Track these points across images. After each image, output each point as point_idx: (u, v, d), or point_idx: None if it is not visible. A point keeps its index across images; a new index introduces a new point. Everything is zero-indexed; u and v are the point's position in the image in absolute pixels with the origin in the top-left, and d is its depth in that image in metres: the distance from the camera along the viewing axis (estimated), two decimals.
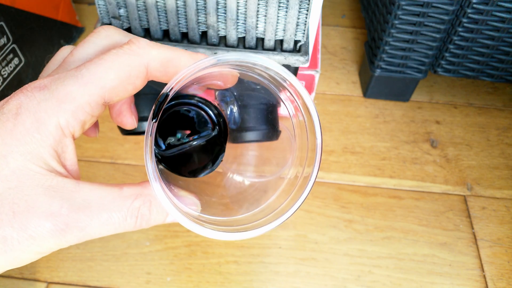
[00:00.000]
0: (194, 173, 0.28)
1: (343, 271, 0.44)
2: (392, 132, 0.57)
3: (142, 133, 0.38)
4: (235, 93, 0.30)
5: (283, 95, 0.25)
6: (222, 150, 0.29)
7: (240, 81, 0.25)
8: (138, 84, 0.20)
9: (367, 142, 0.56)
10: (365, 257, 0.45)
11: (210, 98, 0.29)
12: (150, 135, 0.19)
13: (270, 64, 0.21)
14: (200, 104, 0.28)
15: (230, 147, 0.30)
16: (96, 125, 0.24)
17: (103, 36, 0.22)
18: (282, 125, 0.37)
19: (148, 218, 0.19)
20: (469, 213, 0.49)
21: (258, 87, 0.29)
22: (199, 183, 0.29)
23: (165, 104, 0.19)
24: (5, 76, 0.54)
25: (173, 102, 0.28)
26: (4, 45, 0.53)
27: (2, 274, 0.43)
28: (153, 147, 0.19)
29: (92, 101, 0.19)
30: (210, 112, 0.29)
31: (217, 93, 0.29)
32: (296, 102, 0.23)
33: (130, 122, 0.23)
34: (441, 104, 0.61)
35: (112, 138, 0.55)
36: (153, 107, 0.19)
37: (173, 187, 0.22)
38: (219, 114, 0.29)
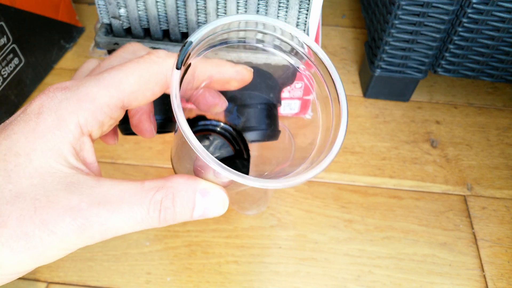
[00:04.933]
0: None
1: (343, 271, 0.44)
2: (392, 132, 0.57)
3: None
4: (235, 94, 0.30)
5: (301, 66, 0.25)
6: (246, 167, 0.29)
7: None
8: (157, 91, 0.21)
9: (367, 142, 0.56)
10: (365, 257, 0.45)
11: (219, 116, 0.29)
12: (175, 83, 0.18)
13: (284, 25, 0.21)
14: (219, 130, 0.29)
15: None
16: (115, 132, 0.24)
17: (130, 51, 0.23)
18: (282, 125, 0.37)
19: (172, 211, 0.18)
20: (469, 213, 0.49)
21: (259, 85, 0.29)
22: None
23: (190, 52, 0.19)
24: (5, 76, 0.54)
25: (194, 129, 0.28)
26: (4, 45, 0.53)
27: None
28: (178, 92, 0.18)
29: (111, 103, 0.19)
30: (228, 135, 0.29)
31: None
32: (317, 70, 0.23)
33: (149, 130, 0.24)
34: (441, 104, 0.61)
35: None
36: (178, 54, 0.19)
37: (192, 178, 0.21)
38: (238, 135, 0.29)
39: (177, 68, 0.19)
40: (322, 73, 0.23)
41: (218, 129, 0.29)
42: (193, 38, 0.20)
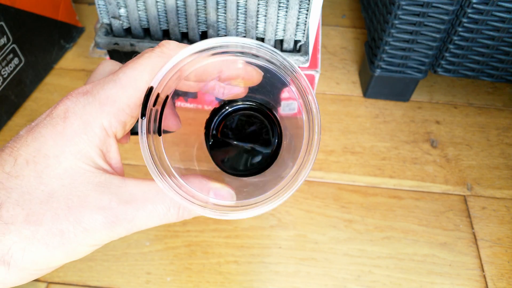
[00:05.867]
0: (236, 172, 0.28)
1: (343, 271, 0.44)
2: (392, 132, 0.57)
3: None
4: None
5: (292, 86, 0.25)
6: (271, 162, 0.29)
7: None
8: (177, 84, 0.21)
9: (367, 142, 0.56)
10: (365, 257, 0.45)
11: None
12: (142, 133, 0.19)
13: (264, 46, 0.21)
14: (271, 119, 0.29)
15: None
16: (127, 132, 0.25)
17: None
18: (282, 125, 0.37)
19: (189, 210, 0.20)
20: (469, 213, 0.49)
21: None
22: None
23: (151, 99, 0.20)
24: (5, 76, 0.54)
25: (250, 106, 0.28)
26: (4, 45, 0.53)
27: None
28: (152, 144, 0.20)
29: (131, 103, 0.20)
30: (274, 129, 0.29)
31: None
32: (303, 97, 0.23)
33: (176, 124, 0.25)
34: (441, 104, 0.61)
35: None
36: (142, 103, 0.20)
37: (204, 180, 0.22)
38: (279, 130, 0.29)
39: (142, 117, 0.19)
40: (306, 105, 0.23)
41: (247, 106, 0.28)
42: (154, 82, 0.20)
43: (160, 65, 0.20)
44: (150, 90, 0.20)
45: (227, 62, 0.22)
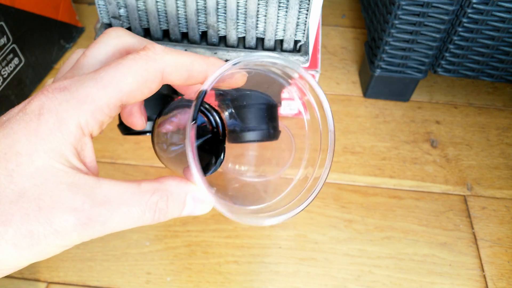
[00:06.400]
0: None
1: (343, 271, 0.44)
2: (392, 132, 0.57)
3: (142, 133, 0.38)
4: (235, 94, 0.30)
5: (295, 93, 0.25)
6: (222, 150, 0.29)
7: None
8: (154, 88, 0.21)
9: (367, 142, 0.56)
10: (365, 257, 0.45)
11: (210, 100, 0.29)
12: (190, 139, 0.19)
13: (290, 63, 0.22)
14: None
15: (230, 147, 0.30)
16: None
17: (113, 36, 0.23)
18: (282, 125, 0.37)
19: (165, 212, 0.20)
20: (469, 213, 0.49)
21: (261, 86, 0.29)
22: None
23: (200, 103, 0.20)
24: (5, 76, 0.54)
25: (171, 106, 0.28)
26: (4, 45, 0.53)
27: None
28: (195, 149, 0.19)
29: (110, 103, 0.19)
30: (209, 114, 0.29)
31: (216, 94, 0.29)
32: (310, 99, 0.23)
33: (140, 122, 0.24)
34: (441, 104, 0.61)
35: (112, 138, 0.55)
36: (192, 109, 0.19)
37: (182, 182, 0.22)
38: (216, 115, 0.29)
39: (193, 120, 0.19)
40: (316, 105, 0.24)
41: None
42: (207, 87, 0.20)
43: (144, 68, 0.20)
44: (203, 93, 0.19)
45: (213, 67, 0.22)
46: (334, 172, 0.52)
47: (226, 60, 0.25)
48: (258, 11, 0.33)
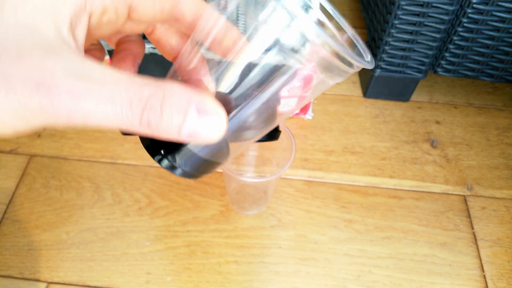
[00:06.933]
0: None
1: (343, 271, 0.44)
2: (392, 132, 0.57)
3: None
4: (236, 95, 0.30)
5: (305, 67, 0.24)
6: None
7: (241, 79, 0.24)
8: (166, 8, 0.19)
9: (367, 142, 0.56)
10: (365, 257, 0.45)
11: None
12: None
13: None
14: None
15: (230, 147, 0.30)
16: (102, 50, 0.22)
17: None
18: (282, 125, 0.37)
19: (158, 115, 0.15)
20: (469, 213, 0.49)
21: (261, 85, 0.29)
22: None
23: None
24: None
25: None
26: None
27: (2, 274, 0.43)
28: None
29: None
30: None
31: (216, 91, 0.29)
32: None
33: (130, 73, 0.21)
34: (441, 104, 0.61)
35: (112, 138, 0.55)
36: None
37: (185, 89, 0.20)
38: None
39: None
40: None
41: None
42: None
43: None
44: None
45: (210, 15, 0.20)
46: (334, 172, 0.52)
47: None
48: None
